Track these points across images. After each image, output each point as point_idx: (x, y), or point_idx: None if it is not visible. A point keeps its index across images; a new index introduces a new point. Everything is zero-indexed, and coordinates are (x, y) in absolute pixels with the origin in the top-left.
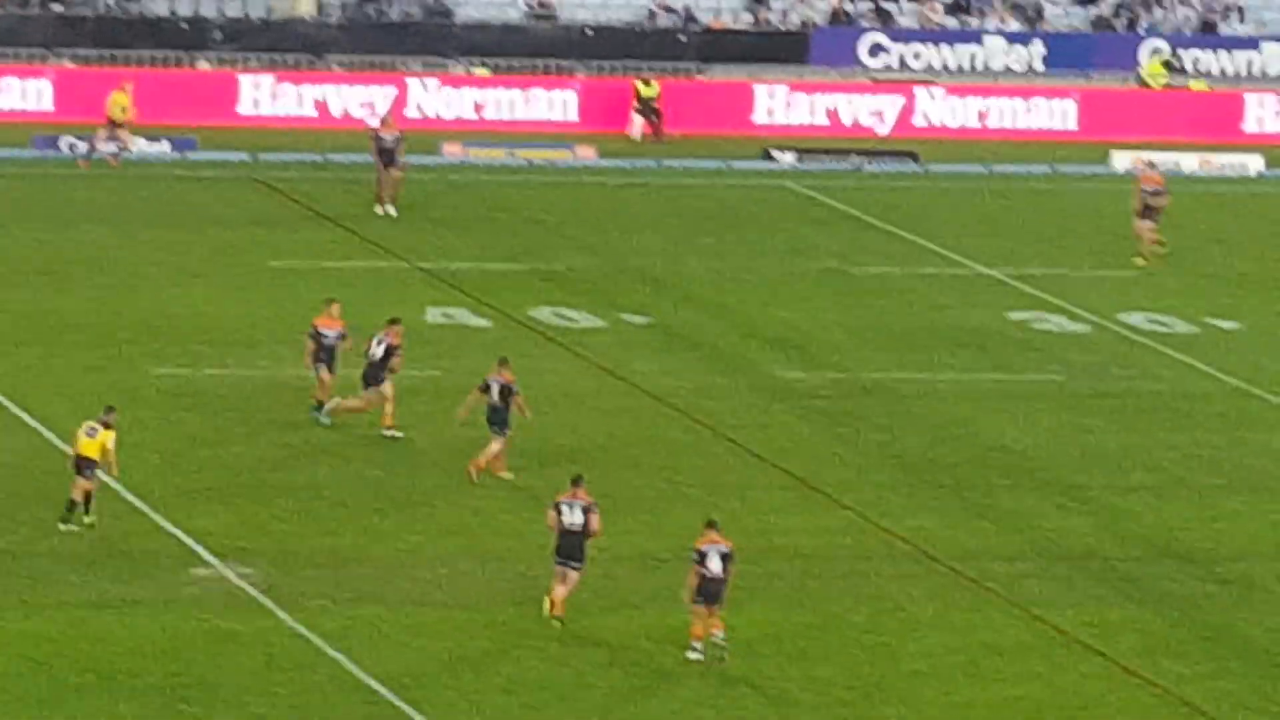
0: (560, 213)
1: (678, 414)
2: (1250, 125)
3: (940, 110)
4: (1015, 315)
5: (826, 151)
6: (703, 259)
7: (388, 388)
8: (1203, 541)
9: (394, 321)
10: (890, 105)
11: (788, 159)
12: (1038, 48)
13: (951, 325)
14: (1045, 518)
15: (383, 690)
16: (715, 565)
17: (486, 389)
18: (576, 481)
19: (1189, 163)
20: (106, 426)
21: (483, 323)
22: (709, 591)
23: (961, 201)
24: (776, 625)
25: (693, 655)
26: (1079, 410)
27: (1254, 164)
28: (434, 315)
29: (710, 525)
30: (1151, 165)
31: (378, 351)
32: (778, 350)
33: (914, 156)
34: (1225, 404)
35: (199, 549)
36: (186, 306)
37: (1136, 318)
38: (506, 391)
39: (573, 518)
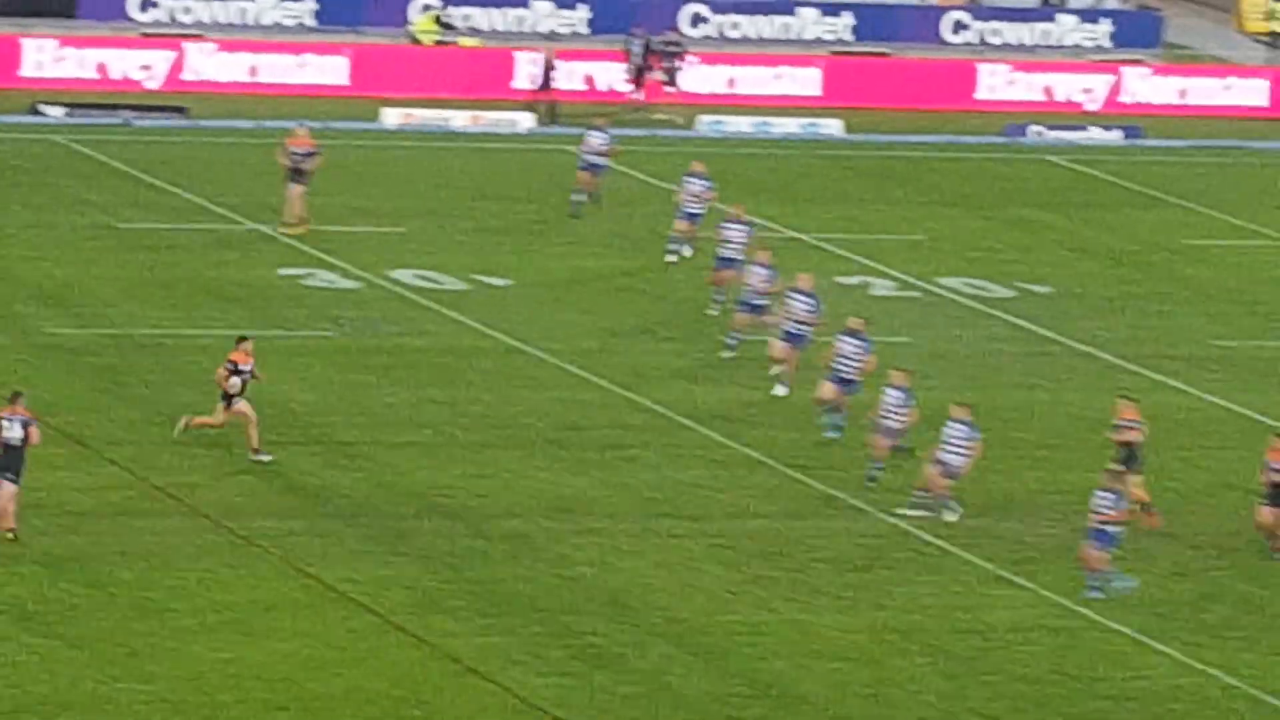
0: None
1: None
2: (521, 81)
3: (210, 65)
4: (286, 271)
5: (95, 106)
6: None
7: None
8: (472, 498)
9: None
10: (160, 60)
11: (57, 113)
12: (309, 4)
13: (223, 281)
14: (316, 474)
15: None
16: (14, 432)
17: None
18: (14, 399)
19: (459, 119)
20: None
21: None
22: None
23: (232, 157)
24: (44, 584)
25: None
26: (350, 367)
27: (524, 121)
28: None
29: (13, 398)
30: (302, 125)
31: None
32: (47, 306)
33: (183, 111)
34: (495, 361)
35: None
36: None
37: (406, 274)
38: None
39: (12, 432)
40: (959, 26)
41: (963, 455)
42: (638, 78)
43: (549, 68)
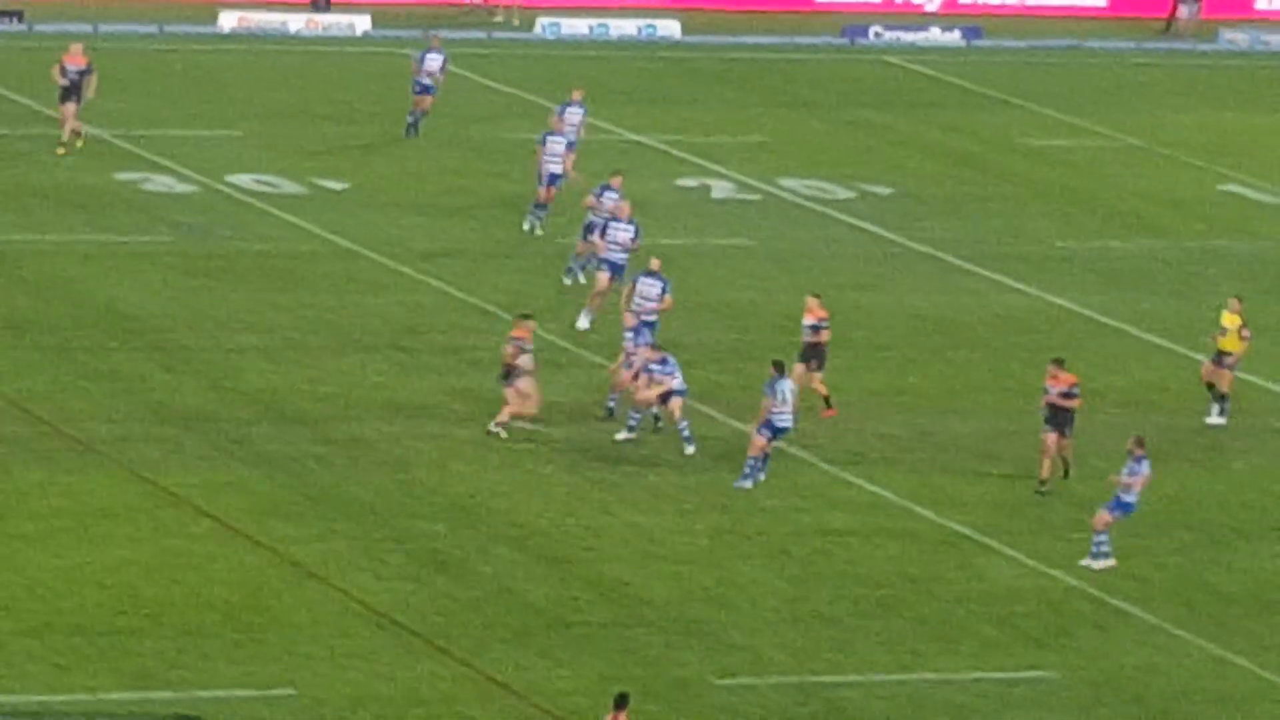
0: None
1: None
2: None
3: None
4: (123, 176)
5: None
6: None
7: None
8: (311, 403)
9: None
10: None
11: None
12: None
13: (59, 185)
14: (154, 379)
15: None
16: None
17: None
18: None
19: (296, 22)
20: None
21: None
22: None
23: None
24: None
25: None
26: (188, 272)
27: (360, 23)
28: None
29: None
30: (78, 44)
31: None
32: None
33: (19, 15)
34: (333, 265)
35: None
36: None
37: (244, 178)
38: None
39: None
40: None
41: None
42: None
43: None
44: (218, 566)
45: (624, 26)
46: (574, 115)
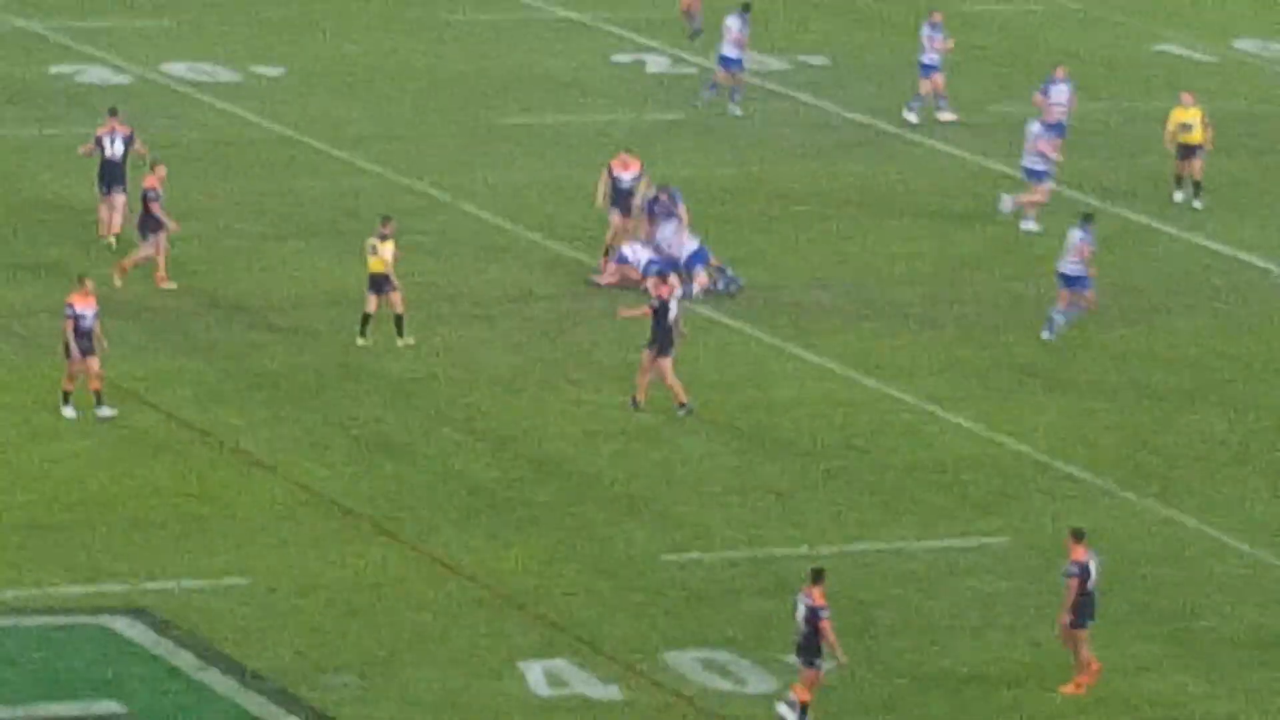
0: None
1: None
2: None
3: None
4: (58, 69)
5: None
6: None
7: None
8: (252, 290)
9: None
10: None
11: None
12: None
13: None
14: (92, 271)
15: None
16: None
17: None
18: None
19: None
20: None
21: None
22: None
23: None
24: None
25: None
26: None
27: None
28: None
29: None
30: None
31: None
32: None
33: None
34: (271, 151)
35: None
36: None
37: (179, 67)
38: None
39: None
40: None
41: None
42: None
43: None
44: (164, 457)
45: None
46: (1061, 94)
